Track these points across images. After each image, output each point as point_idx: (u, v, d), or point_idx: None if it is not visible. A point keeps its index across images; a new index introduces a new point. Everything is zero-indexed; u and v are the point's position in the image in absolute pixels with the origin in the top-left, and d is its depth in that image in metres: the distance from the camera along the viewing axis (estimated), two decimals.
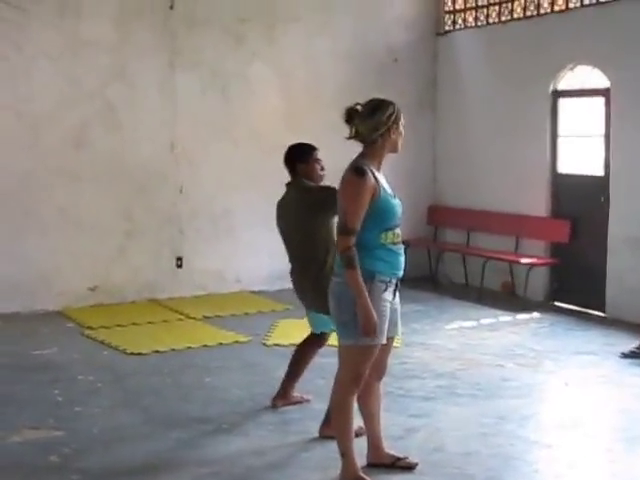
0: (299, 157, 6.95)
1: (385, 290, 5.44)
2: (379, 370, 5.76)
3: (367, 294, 5.29)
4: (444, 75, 13.22)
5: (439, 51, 13.28)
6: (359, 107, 5.53)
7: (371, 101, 5.56)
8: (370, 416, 5.87)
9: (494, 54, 12.34)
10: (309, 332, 7.22)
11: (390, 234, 5.46)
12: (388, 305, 5.48)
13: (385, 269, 5.42)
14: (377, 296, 5.38)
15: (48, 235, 10.93)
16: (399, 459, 5.94)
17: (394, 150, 5.58)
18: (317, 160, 6.96)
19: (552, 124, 11.48)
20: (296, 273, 6.98)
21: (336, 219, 5.94)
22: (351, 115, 5.52)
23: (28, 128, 10.80)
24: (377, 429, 5.90)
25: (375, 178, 5.38)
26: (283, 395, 7.30)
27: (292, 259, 6.99)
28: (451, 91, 13.09)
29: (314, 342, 7.21)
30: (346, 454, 5.58)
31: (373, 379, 5.74)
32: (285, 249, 7.04)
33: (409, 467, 5.91)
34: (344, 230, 5.34)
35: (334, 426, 5.72)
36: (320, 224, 6.69)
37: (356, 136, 5.52)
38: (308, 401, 7.27)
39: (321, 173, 6.97)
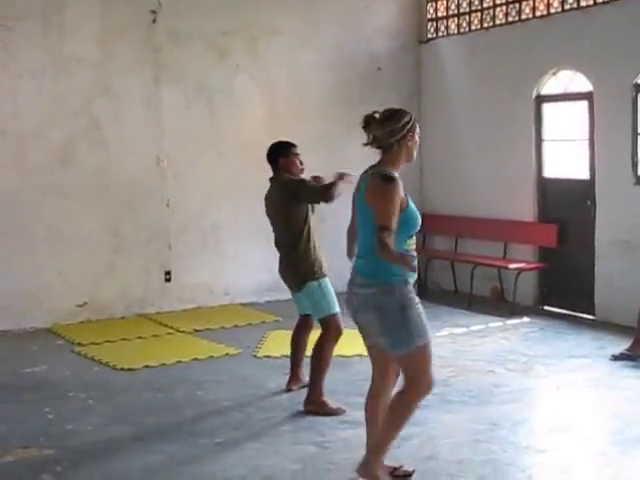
0: (280, 152, 7.74)
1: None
2: (395, 376, 5.78)
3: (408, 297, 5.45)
4: (428, 83, 13.25)
5: (422, 59, 13.32)
6: (377, 114, 5.61)
7: (388, 109, 5.65)
8: (373, 422, 5.81)
9: (477, 61, 12.37)
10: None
11: (410, 241, 5.58)
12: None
13: (410, 274, 5.51)
14: (413, 298, 5.49)
15: (36, 253, 10.92)
16: (395, 469, 5.92)
17: (409, 159, 5.68)
18: (296, 155, 7.73)
19: (536, 129, 11.51)
20: (280, 258, 7.73)
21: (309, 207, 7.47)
22: (368, 122, 5.61)
23: (14, 146, 10.80)
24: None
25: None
26: (294, 378, 8.00)
27: (277, 245, 7.76)
28: (435, 98, 13.12)
29: (303, 327, 7.97)
30: (384, 453, 5.62)
31: (388, 385, 5.78)
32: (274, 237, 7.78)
33: (406, 475, 5.92)
34: (381, 228, 5.33)
35: (394, 425, 5.58)
36: (296, 212, 7.45)
37: (373, 142, 5.61)
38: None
39: (300, 167, 7.71)
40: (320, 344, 7.46)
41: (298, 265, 7.51)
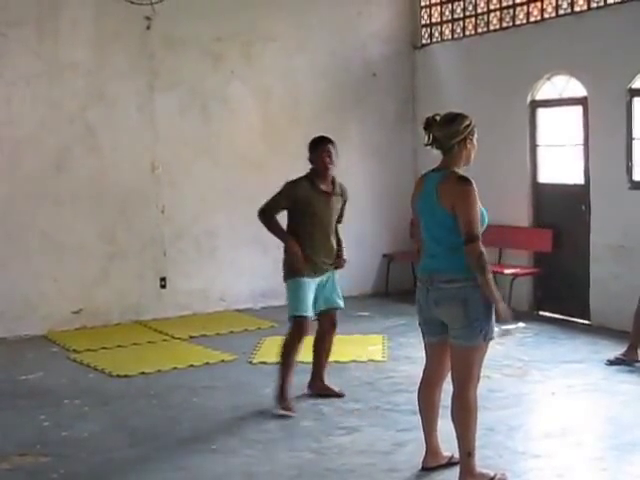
0: (309, 147, 7.59)
1: None
2: (449, 367, 5.97)
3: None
4: (423, 88, 13.26)
5: (417, 64, 13.32)
6: (437, 117, 5.80)
7: (449, 112, 5.88)
8: (431, 409, 6.16)
9: (472, 66, 12.38)
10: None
11: None
12: None
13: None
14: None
15: (31, 259, 10.90)
16: (450, 457, 6.17)
17: (467, 162, 5.88)
18: (325, 151, 7.53)
19: (531, 134, 11.51)
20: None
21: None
22: (429, 123, 5.80)
23: (8, 153, 10.78)
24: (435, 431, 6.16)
25: None
26: (320, 382, 7.87)
27: None
28: (430, 104, 13.06)
29: (325, 327, 7.81)
30: (472, 454, 5.75)
31: (444, 375, 6.09)
32: None
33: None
34: (473, 237, 5.61)
35: (468, 429, 5.79)
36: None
37: (433, 143, 5.79)
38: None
39: (328, 165, 7.55)
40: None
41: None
